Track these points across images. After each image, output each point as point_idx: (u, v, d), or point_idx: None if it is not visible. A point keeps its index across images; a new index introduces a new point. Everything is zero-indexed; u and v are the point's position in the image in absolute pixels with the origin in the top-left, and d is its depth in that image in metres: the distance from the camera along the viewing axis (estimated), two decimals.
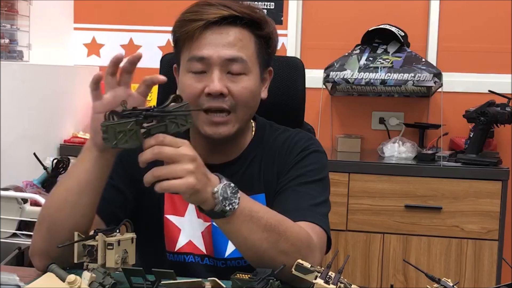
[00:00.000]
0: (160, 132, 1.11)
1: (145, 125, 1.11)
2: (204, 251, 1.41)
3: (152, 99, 3.28)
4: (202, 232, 1.41)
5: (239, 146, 1.44)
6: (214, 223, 1.37)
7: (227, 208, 1.15)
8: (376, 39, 3.06)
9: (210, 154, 1.38)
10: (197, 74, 1.33)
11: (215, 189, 1.14)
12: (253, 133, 1.48)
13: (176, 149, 1.11)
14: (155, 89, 1.47)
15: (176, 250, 1.42)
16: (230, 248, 1.39)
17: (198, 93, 1.33)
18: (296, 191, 1.36)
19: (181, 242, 1.41)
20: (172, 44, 1.42)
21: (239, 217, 1.17)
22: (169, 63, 1.69)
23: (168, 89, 1.68)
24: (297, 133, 1.50)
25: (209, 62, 1.32)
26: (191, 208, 1.41)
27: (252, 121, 1.48)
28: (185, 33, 1.32)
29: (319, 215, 1.34)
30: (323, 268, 1.11)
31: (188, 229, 1.41)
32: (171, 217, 1.42)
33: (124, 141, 1.09)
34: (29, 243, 2.27)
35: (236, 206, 1.16)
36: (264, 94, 1.44)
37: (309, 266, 1.10)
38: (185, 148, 1.12)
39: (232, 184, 1.17)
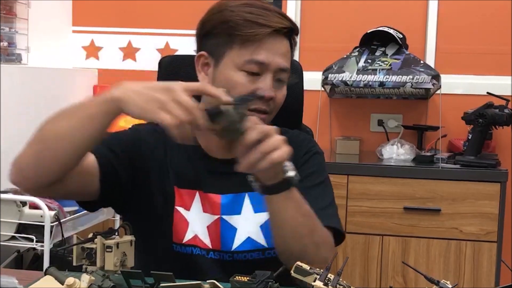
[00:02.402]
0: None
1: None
2: (210, 245, 1.43)
3: None
4: (208, 226, 1.43)
5: None
6: (223, 217, 1.42)
7: (296, 177, 1.26)
8: (375, 41, 3.06)
9: (223, 151, 1.43)
10: (250, 75, 1.37)
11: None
12: None
13: (263, 126, 1.21)
14: None
15: (183, 242, 1.43)
16: (237, 241, 1.42)
17: (250, 93, 1.38)
18: (305, 194, 1.39)
19: (189, 235, 1.43)
20: (205, 31, 1.43)
21: (290, 195, 1.27)
22: (167, 66, 1.70)
23: None
24: (298, 134, 1.56)
25: (265, 67, 1.37)
26: (197, 203, 1.43)
27: None
28: (253, 35, 1.36)
29: (331, 216, 1.42)
30: (322, 270, 1.11)
31: (194, 223, 1.43)
32: (180, 209, 1.44)
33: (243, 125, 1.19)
34: (28, 246, 2.28)
35: (297, 178, 1.27)
36: None
37: (308, 268, 1.10)
38: (264, 125, 1.23)
39: None
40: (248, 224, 1.42)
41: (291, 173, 1.26)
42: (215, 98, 1.19)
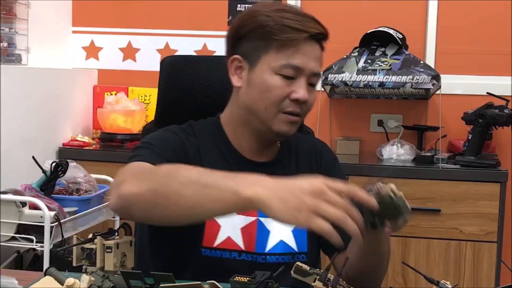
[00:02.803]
0: None
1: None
2: (242, 247, 1.43)
3: (150, 102, 3.29)
4: (241, 228, 1.44)
5: (276, 148, 1.54)
6: (260, 219, 1.45)
7: None
8: (375, 42, 3.06)
9: (255, 153, 1.49)
10: (286, 79, 1.40)
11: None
12: None
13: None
14: (153, 91, 1.47)
15: (214, 246, 1.43)
16: (270, 244, 1.45)
17: (285, 95, 1.40)
18: None
19: (220, 238, 1.43)
20: (240, 35, 1.44)
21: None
22: (169, 66, 1.70)
23: (169, 90, 1.69)
24: (313, 137, 1.69)
25: (300, 71, 1.41)
26: None
27: None
28: (290, 39, 1.38)
29: None
30: (321, 271, 1.11)
31: (227, 226, 1.43)
32: None
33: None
34: (28, 246, 2.28)
35: None
36: None
37: (308, 268, 1.10)
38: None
39: None
40: (281, 228, 1.44)
41: None
42: (363, 202, 1.10)
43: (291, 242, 1.46)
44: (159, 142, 1.41)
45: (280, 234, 1.45)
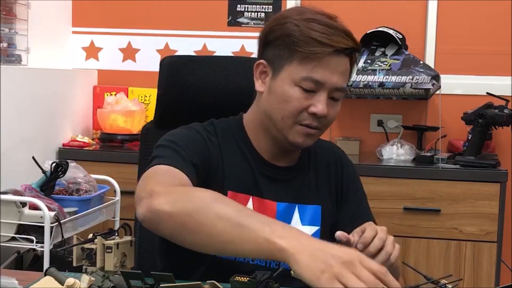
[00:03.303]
0: None
1: None
2: None
3: (150, 102, 3.29)
4: None
5: (296, 154, 1.51)
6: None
7: None
8: (374, 42, 3.06)
9: (275, 157, 1.47)
10: (306, 92, 1.37)
11: None
12: None
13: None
14: (153, 92, 1.47)
15: None
16: None
17: (303, 108, 1.37)
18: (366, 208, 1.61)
19: None
20: (268, 40, 1.42)
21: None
22: (169, 66, 1.70)
23: (169, 90, 1.69)
24: (331, 143, 1.65)
25: (321, 86, 1.37)
26: (249, 207, 1.42)
27: None
28: (315, 53, 1.35)
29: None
30: None
31: None
32: None
33: None
34: (28, 246, 2.28)
35: None
36: None
37: None
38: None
39: None
40: None
41: None
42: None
43: None
44: (184, 142, 1.38)
45: None
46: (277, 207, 1.44)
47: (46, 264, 2.17)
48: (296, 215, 1.46)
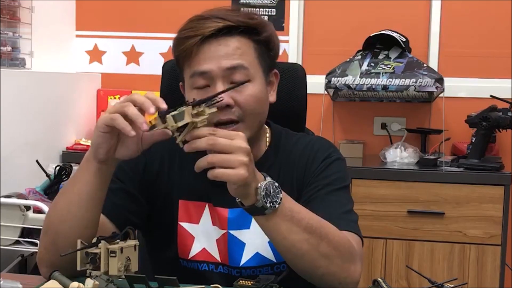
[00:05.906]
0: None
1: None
2: (219, 259, 1.40)
3: None
4: (217, 240, 1.40)
5: (254, 154, 1.33)
6: (230, 232, 1.39)
7: (268, 205, 1.16)
8: (378, 45, 3.06)
9: None
10: (201, 90, 1.32)
11: (259, 185, 1.16)
12: (269, 140, 1.46)
13: (231, 141, 1.13)
14: (157, 95, 1.47)
15: (189, 257, 1.41)
16: (246, 257, 1.39)
17: None
18: (325, 200, 1.36)
19: (195, 250, 1.40)
20: (176, 64, 1.41)
21: (279, 216, 1.19)
22: (171, 70, 1.70)
23: (170, 94, 1.69)
24: (317, 140, 1.49)
25: (211, 76, 1.30)
26: (206, 215, 1.40)
27: (266, 127, 1.46)
28: (183, 50, 1.31)
29: (352, 222, 1.36)
30: None
31: (202, 237, 1.40)
32: (185, 225, 1.41)
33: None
34: (32, 250, 2.28)
35: (277, 206, 1.17)
36: (272, 98, 1.43)
37: None
38: (240, 140, 1.14)
39: (276, 184, 1.18)
40: (257, 239, 1.38)
41: (262, 202, 1.16)
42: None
43: (268, 254, 1.39)
44: (120, 167, 1.34)
45: (255, 246, 1.38)
46: (229, 214, 1.39)
47: None
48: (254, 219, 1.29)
